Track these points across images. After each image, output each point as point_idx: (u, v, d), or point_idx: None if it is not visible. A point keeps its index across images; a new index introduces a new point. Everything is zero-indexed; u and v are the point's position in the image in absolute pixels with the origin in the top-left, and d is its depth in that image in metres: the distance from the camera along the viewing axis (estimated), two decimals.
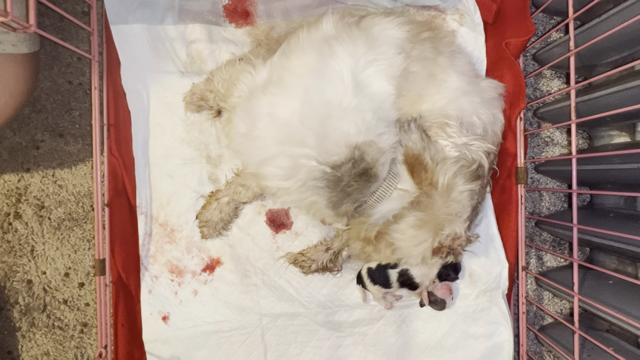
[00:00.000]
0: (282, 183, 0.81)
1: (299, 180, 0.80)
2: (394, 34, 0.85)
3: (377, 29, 0.86)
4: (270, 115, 0.80)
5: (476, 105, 0.89)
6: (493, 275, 1.08)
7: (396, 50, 0.83)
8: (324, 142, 0.77)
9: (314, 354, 1.10)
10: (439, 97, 0.87)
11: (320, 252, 1.05)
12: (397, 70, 0.82)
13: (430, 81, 0.87)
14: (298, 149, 0.78)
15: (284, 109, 0.78)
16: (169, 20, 1.07)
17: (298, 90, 0.79)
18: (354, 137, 0.77)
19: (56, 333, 1.22)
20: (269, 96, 0.81)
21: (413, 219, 0.78)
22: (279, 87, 0.81)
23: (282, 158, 0.79)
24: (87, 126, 1.20)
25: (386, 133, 0.80)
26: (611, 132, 1.10)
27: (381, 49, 0.82)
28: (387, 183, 0.82)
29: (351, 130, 0.77)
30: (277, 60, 0.86)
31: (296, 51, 0.84)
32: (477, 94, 0.90)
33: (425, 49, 0.87)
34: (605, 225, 0.99)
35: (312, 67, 0.80)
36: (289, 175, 0.80)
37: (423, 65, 0.86)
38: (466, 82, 0.89)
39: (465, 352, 1.09)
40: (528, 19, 1.00)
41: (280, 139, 0.79)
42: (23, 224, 1.20)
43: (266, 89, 0.83)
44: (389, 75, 0.82)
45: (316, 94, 0.78)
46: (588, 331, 1.04)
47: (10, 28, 0.77)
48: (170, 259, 1.09)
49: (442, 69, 0.88)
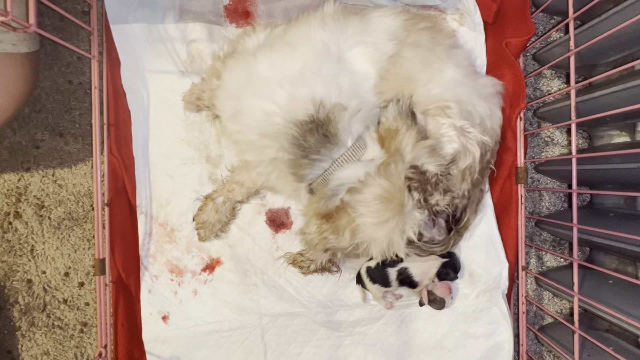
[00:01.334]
0: (250, 135, 0.83)
1: (264, 133, 0.81)
2: (388, 21, 0.88)
3: (374, 15, 0.89)
4: (252, 70, 0.83)
5: (473, 97, 0.89)
6: (493, 275, 1.08)
7: (388, 37, 0.85)
8: (294, 100, 0.78)
9: (313, 354, 1.10)
10: (433, 85, 0.86)
11: (320, 253, 1.05)
12: (383, 54, 0.84)
13: (424, 67, 0.87)
14: (270, 104, 0.79)
15: (265, 65, 0.82)
16: (169, 20, 1.07)
17: (283, 53, 0.82)
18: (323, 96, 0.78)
19: (56, 332, 1.22)
20: (257, 56, 0.85)
21: (377, 188, 0.72)
22: (268, 49, 0.85)
23: (254, 111, 0.81)
24: (87, 126, 1.20)
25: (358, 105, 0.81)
26: (611, 132, 1.10)
27: (373, 33, 0.85)
28: (352, 150, 0.78)
29: (322, 91, 0.78)
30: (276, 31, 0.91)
31: (293, 26, 0.88)
32: (474, 88, 0.90)
33: (421, 38, 0.88)
34: (605, 225, 0.99)
35: (302, 34, 0.84)
36: (257, 128, 0.82)
37: (417, 52, 0.87)
38: (463, 74, 0.89)
39: (465, 352, 1.09)
40: (528, 19, 1.00)
41: (255, 93, 0.81)
42: (23, 224, 1.20)
43: (256, 52, 0.87)
44: (373, 59, 0.84)
45: (299, 58, 0.80)
46: (588, 331, 1.04)
47: (10, 27, 0.77)
48: (170, 259, 1.09)
49: (438, 59, 0.88)
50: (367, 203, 0.72)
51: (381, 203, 0.72)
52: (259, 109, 0.80)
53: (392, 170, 0.73)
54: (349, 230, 0.74)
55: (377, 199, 0.72)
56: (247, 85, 0.83)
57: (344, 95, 0.79)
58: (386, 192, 0.72)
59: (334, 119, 0.77)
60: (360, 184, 0.74)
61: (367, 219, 0.73)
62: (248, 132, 0.84)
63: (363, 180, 0.74)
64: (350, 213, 0.73)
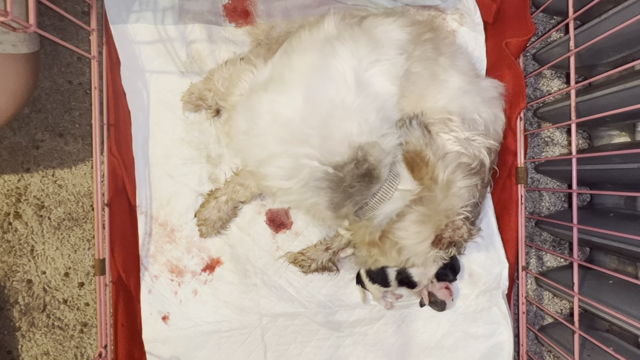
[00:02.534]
0: (283, 183, 0.80)
1: (300, 180, 0.79)
2: (395, 35, 0.85)
3: (379, 30, 0.85)
4: (272, 113, 0.79)
5: (477, 104, 0.89)
6: (493, 275, 1.08)
7: (398, 51, 0.83)
8: (327, 142, 0.76)
9: (313, 354, 1.10)
10: (440, 97, 0.87)
11: (320, 252, 1.05)
12: (399, 70, 0.82)
13: (432, 81, 0.87)
14: (300, 148, 0.77)
15: (286, 107, 0.78)
16: (169, 20, 1.07)
17: (300, 88, 0.78)
18: (357, 137, 0.76)
19: (56, 333, 1.22)
20: (270, 94, 0.80)
21: (415, 215, 0.78)
22: (281, 85, 0.81)
23: (283, 157, 0.78)
24: (87, 126, 1.20)
25: (389, 134, 0.80)
26: (611, 132, 1.10)
27: (383, 49, 0.82)
28: (388, 184, 0.81)
29: (354, 130, 0.76)
30: (278, 59, 0.85)
31: (298, 50, 0.83)
32: (477, 94, 0.90)
33: (426, 50, 0.87)
34: (605, 225, 0.99)
35: (314, 65, 0.79)
36: (290, 175, 0.79)
37: (425, 66, 0.86)
38: (467, 81, 0.89)
39: (465, 352, 1.09)
40: (528, 19, 1.00)
41: (281, 138, 0.78)
42: (23, 224, 1.20)
43: (268, 87, 0.82)
44: (392, 76, 0.81)
45: (318, 93, 0.77)
46: (588, 331, 1.04)
47: (10, 28, 0.77)
48: (170, 259, 1.09)
49: (443, 69, 0.88)
50: (405, 228, 0.79)
51: (419, 226, 0.78)
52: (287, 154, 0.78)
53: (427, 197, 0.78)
54: (395, 250, 0.81)
55: (414, 224, 0.78)
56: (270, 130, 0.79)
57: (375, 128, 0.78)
58: (422, 216, 0.78)
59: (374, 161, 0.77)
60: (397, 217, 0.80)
61: (408, 240, 0.79)
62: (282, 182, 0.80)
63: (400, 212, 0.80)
64: (392, 239, 0.80)
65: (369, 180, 0.78)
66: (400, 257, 0.82)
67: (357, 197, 0.80)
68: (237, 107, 0.87)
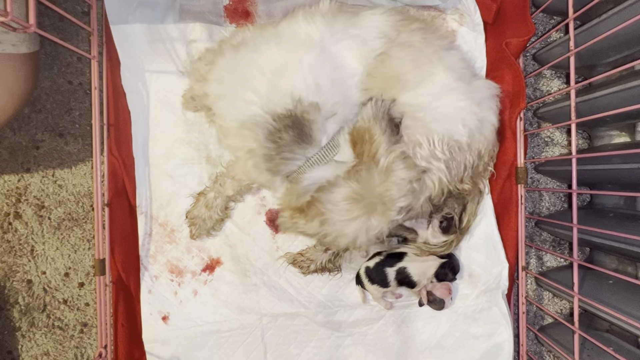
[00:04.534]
0: (229, 122, 0.83)
1: (243, 122, 0.81)
2: (380, 18, 0.87)
3: (366, 13, 0.88)
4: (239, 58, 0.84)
5: (461, 109, 0.88)
6: (493, 275, 1.08)
7: (378, 34, 0.85)
8: (273, 92, 0.78)
9: (313, 354, 1.10)
10: (422, 91, 0.86)
11: (319, 253, 1.05)
12: (371, 51, 0.84)
13: (413, 67, 0.87)
14: (250, 93, 0.79)
15: (249, 54, 0.82)
16: (169, 20, 1.07)
17: (270, 43, 0.82)
18: (300, 92, 0.78)
19: (56, 333, 1.22)
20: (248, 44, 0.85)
21: (348, 190, 0.75)
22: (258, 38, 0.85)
23: (235, 100, 0.82)
24: (87, 126, 1.20)
25: (337, 104, 0.81)
26: (611, 132, 1.10)
27: (362, 29, 0.85)
28: (324, 151, 0.79)
29: (301, 85, 0.78)
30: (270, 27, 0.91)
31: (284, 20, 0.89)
32: (464, 93, 0.89)
33: (413, 38, 0.88)
34: (605, 225, 0.99)
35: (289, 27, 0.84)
36: (236, 116, 0.82)
37: (406, 52, 0.86)
38: (454, 78, 0.88)
39: (465, 352, 1.09)
40: (528, 19, 1.00)
41: (238, 80, 0.82)
42: (23, 224, 1.20)
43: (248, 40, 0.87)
44: (360, 55, 0.84)
45: (282, 50, 0.81)
46: (588, 331, 1.04)
47: (10, 28, 0.77)
48: (170, 259, 1.09)
49: (429, 61, 0.88)
50: (335, 202, 0.76)
51: (349, 203, 0.75)
52: (239, 96, 0.81)
53: (364, 175, 0.76)
54: (318, 220, 0.77)
55: (345, 199, 0.75)
56: (232, 70, 0.84)
57: (323, 92, 0.79)
58: (355, 194, 0.75)
59: (309, 119, 0.78)
60: (328, 184, 0.77)
61: (335, 215, 0.76)
62: (228, 118, 0.84)
63: (332, 182, 0.77)
64: (320, 208, 0.77)
65: (300, 137, 0.78)
66: (322, 228, 0.78)
67: (287, 154, 0.79)
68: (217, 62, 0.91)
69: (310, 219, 0.78)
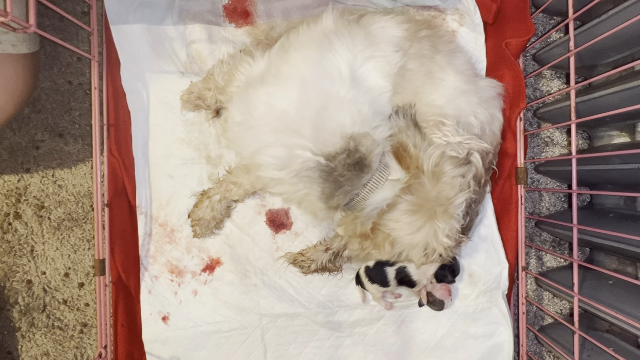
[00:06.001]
0: (275, 173, 0.81)
1: (292, 170, 0.80)
2: (392, 32, 0.86)
3: (376, 27, 0.87)
4: (267, 105, 0.80)
5: (473, 105, 0.90)
6: (493, 276, 1.08)
7: (394, 48, 0.84)
8: (320, 133, 0.77)
9: (313, 354, 1.10)
10: (436, 96, 0.87)
11: (320, 252, 1.05)
12: (394, 67, 0.83)
13: (428, 79, 0.87)
14: (293, 138, 0.78)
15: (281, 99, 0.79)
16: (168, 21, 1.07)
17: (295, 81, 0.79)
18: (350, 127, 0.77)
19: (56, 333, 1.22)
20: (266, 86, 0.82)
21: (406, 205, 0.77)
22: (277, 77, 0.82)
23: (276, 147, 0.79)
24: (87, 126, 1.20)
25: (381, 126, 0.81)
26: (611, 132, 1.10)
27: (379, 46, 0.83)
28: (379, 174, 0.80)
29: (347, 121, 0.77)
30: (275, 53, 0.87)
31: (295, 44, 0.85)
32: (474, 94, 0.90)
33: (423, 47, 0.88)
34: (605, 225, 0.99)
35: (310, 59, 0.81)
36: (283, 165, 0.80)
37: (420, 63, 0.87)
38: (464, 81, 0.90)
39: (465, 352, 1.09)
40: (528, 19, 1.00)
41: (275, 128, 0.79)
42: (23, 224, 1.20)
43: (263, 79, 0.84)
44: (386, 72, 0.83)
45: (313, 85, 0.78)
46: (588, 331, 1.04)
47: (10, 28, 0.77)
48: (170, 259, 1.09)
49: (440, 68, 0.89)
50: (397, 219, 0.77)
51: (410, 216, 0.77)
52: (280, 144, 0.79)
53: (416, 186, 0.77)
54: (388, 243, 0.79)
55: (405, 214, 0.77)
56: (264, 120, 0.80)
57: (368, 120, 0.79)
58: (412, 205, 0.77)
59: (366, 151, 0.78)
60: (387, 207, 0.79)
61: (400, 232, 0.78)
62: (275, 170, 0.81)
63: (390, 202, 0.79)
64: (384, 230, 0.78)
65: (360, 169, 0.78)
66: (394, 249, 0.80)
67: (348, 187, 0.79)
68: (234, 98, 0.89)
69: (380, 244, 0.80)
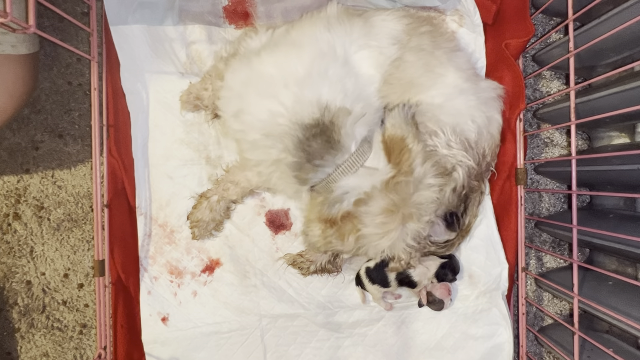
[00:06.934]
0: (254, 134, 0.82)
1: (268, 133, 0.80)
2: (391, 25, 0.88)
3: (377, 19, 0.89)
4: (255, 70, 0.82)
5: (472, 107, 0.89)
6: (493, 276, 1.08)
7: (391, 41, 0.86)
8: (300, 103, 0.78)
9: (313, 355, 1.10)
10: (435, 93, 0.87)
11: (319, 254, 1.05)
12: (387, 59, 0.84)
13: (425, 71, 0.87)
14: (276, 105, 0.78)
15: (269, 65, 0.81)
16: (168, 21, 1.07)
17: (289, 53, 0.81)
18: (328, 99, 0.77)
19: (55, 334, 1.22)
20: (261, 55, 0.84)
21: (386, 202, 0.75)
22: (273, 48, 0.84)
23: (259, 111, 0.80)
24: (87, 127, 1.20)
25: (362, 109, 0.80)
26: (611, 133, 1.10)
27: (376, 37, 0.85)
28: (355, 157, 0.78)
29: (329, 94, 0.77)
30: (278, 32, 0.90)
31: (297, 26, 0.88)
32: (473, 93, 0.90)
33: (423, 42, 0.88)
34: (605, 226, 0.99)
35: (307, 34, 0.83)
36: (261, 128, 0.81)
37: (419, 57, 0.87)
38: (464, 78, 0.90)
39: (464, 353, 1.09)
40: (527, 20, 1.00)
41: (261, 93, 0.81)
42: (22, 225, 1.20)
43: (260, 51, 0.86)
44: (378, 63, 0.84)
45: (305, 58, 0.80)
46: (588, 332, 1.04)
47: (9, 29, 0.77)
48: (170, 260, 1.09)
49: (439, 63, 0.89)
50: (373, 216, 0.75)
51: (386, 216, 0.75)
52: (263, 109, 0.80)
53: (403, 187, 0.75)
54: (354, 237, 0.77)
55: (383, 212, 0.75)
56: (251, 84, 0.83)
57: (348, 99, 0.79)
58: (392, 206, 0.75)
59: (337, 124, 0.77)
60: (366, 197, 0.76)
61: (371, 229, 0.76)
62: (251, 131, 0.83)
63: (369, 193, 0.76)
64: (356, 223, 0.76)
65: (327, 141, 0.77)
66: (357, 244, 0.78)
67: (317, 161, 0.78)
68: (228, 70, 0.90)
69: (345, 235, 0.77)
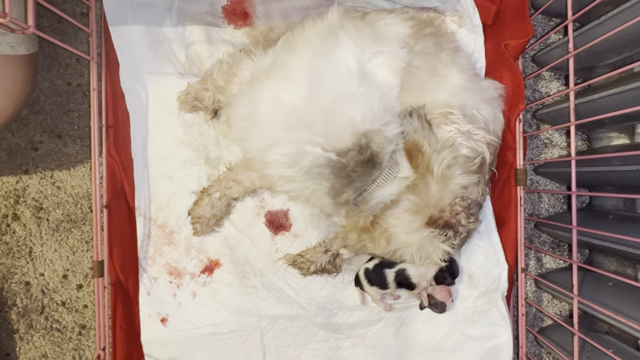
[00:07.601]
0: (284, 171, 0.80)
1: (302, 167, 0.78)
2: (397, 29, 0.86)
3: (382, 23, 0.86)
4: (275, 99, 0.78)
5: (477, 102, 0.90)
6: (492, 277, 1.08)
7: (400, 45, 0.84)
8: (331, 128, 0.76)
9: (313, 356, 1.09)
10: (440, 92, 0.87)
11: (319, 254, 1.05)
12: (401, 63, 0.83)
13: (432, 76, 0.87)
14: (303, 134, 0.76)
15: (289, 93, 0.77)
16: (167, 22, 1.07)
17: (303, 75, 0.78)
18: (361, 124, 0.76)
19: (54, 335, 1.21)
20: (272, 80, 0.80)
21: (408, 203, 0.78)
22: (283, 71, 0.80)
23: (286, 144, 0.78)
24: (86, 127, 1.20)
25: (391, 123, 0.80)
26: (610, 134, 1.10)
27: (386, 42, 0.83)
28: (388, 171, 0.80)
29: (358, 116, 0.76)
30: (280, 47, 0.85)
31: (300, 39, 0.83)
32: (477, 92, 0.91)
33: (427, 45, 0.88)
34: (605, 227, 0.99)
35: (317, 53, 0.79)
36: (293, 162, 0.78)
37: (425, 60, 0.87)
38: (467, 79, 0.90)
39: (464, 354, 1.09)
40: (527, 21, 1.00)
41: (285, 124, 0.78)
42: (21, 226, 1.20)
43: (270, 74, 0.82)
44: (394, 68, 0.82)
45: (322, 79, 0.77)
46: (587, 333, 1.03)
47: (8, 29, 0.77)
48: (169, 261, 1.09)
49: (444, 65, 0.89)
50: (396, 215, 0.78)
51: (410, 215, 0.78)
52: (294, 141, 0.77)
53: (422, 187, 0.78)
54: (384, 239, 0.79)
55: (406, 212, 0.77)
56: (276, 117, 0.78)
57: (378, 116, 0.78)
58: (415, 206, 0.78)
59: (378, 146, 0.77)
60: (391, 202, 0.79)
61: (398, 229, 0.78)
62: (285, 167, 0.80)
63: (395, 199, 0.80)
64: (382, 224, 0.79)
65: (372, 166, 0.78)
66: (389, 246, 0.80)
67: (358, 183, 0.79)
68: (238, 94, 0.87)
69: (377, 238, 0.80)
